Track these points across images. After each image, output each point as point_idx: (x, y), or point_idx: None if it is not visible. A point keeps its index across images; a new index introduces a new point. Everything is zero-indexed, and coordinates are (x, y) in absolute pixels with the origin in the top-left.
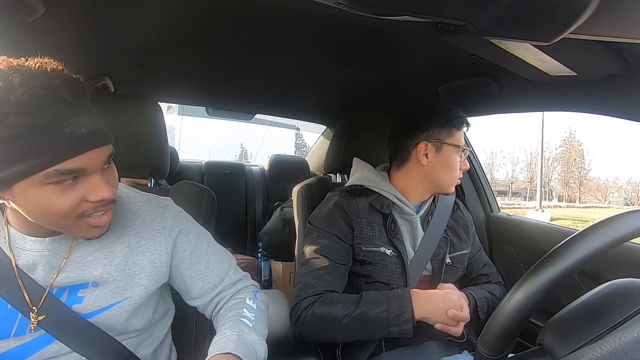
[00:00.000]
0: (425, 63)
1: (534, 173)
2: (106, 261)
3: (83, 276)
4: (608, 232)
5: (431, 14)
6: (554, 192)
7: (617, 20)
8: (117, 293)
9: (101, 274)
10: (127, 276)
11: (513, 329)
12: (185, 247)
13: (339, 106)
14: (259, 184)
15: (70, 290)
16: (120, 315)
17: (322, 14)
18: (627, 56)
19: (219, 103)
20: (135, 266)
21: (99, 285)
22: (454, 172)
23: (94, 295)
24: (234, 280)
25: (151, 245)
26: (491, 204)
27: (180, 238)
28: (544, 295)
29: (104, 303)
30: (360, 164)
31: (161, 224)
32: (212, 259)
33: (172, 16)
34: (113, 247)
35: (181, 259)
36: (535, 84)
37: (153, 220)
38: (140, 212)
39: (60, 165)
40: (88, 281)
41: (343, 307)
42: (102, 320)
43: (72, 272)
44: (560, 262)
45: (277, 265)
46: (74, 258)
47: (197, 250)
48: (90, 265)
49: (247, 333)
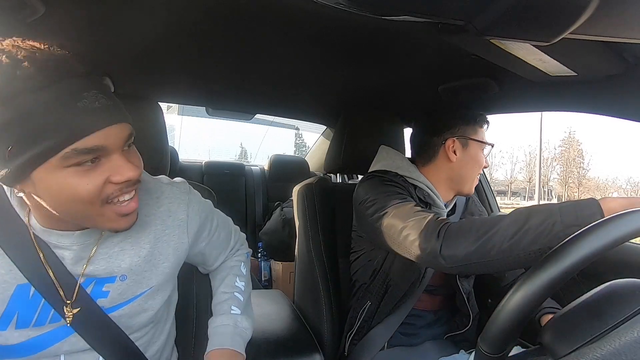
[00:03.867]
0: (426, 63)
1: (533, 173)
2: (133, 252)
3: (112, 269)
4: (610, 232)
5: (431, 14)
6: (553, 192)
7: (617, 20)
8: (143, 283)
9: (129, 266)
10: (152, 266)
11: (514, 327)
12: (206, 228)
13: (339, 106)
14: (259, 184)
15: (96, 283)
16: (145, 303)
17: (322, 14)
18: (627, 56)
19: (219, 103)
20: (161, 255)
21: (126, 278)
22: (480, 168)
23: (121, 289)
24: (236, 241)
25: (176, 234)
26: (491, 204)
27: (203, 223)
28: (546, 294)
29: (130, 295)
30: (391, 151)
31: (185, 212)
32: (221, 229)
33: (172, 16)
34: (139, 237)
35: (202, 239)
36: (535, 84)
37: (177, 208)
38: (164, 199)
39: (78, 144)
40: (116, 274)
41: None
42: (126, 313)
43: (100, 265)
44: (563, 261)
45: (277, 265)
46: (102, 250)
47: (213, 224)
48: (118, 256)
49: (240, 321)
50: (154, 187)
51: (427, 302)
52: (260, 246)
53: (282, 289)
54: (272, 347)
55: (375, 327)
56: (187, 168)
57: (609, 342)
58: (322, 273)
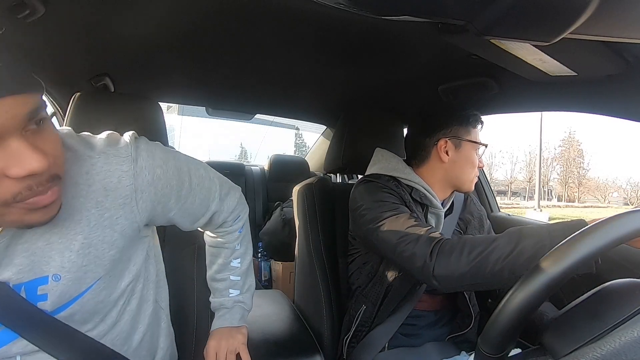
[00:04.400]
0: (426, 63)
1: (532, 173)
2: (63, 246)
3: (40, 268)
4: (610, 231)
5: (431, 14)
6: (553, 192)
7: (617, 20)
8: (86, 279)
9: (61, 264)
10: (95, 258)
11: (514, 328)
12: (171, 196)
13: (339, 106)
14: (259, 184)
15: (26, 288)
16: (98, 294)
17: (322, 14)
18: (627, 56)
19: (219, 103)
20: (104, 244)
21: (60, 278)
22: (474, 168)
23: (59, 290)
24: (227, 203)
25: (120, 215)
26: (491, 204)
27: (165, 193)
28: (546, 294)
29: (74, 293)
30: (387, 154)
31: (131, 186)
32: (198, 190)
33: (172, 16)
34: (68, 226)
35: (168, 209)
36: (535, 84)
37: (118, 183)
38: (96, 175)
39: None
40: (47, 274)
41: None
42: (77, 309)
43: (25, 265)
44: (563, 261)
45: (277, 265)
46: (21, 246)
47: (183, 188)
48: (44, 252)
49: (238, 299)
50: (82, 158)
51: (427, 303)
52: (260, 246)
53: (282, 289)
54: (272, 347)
55: (376, 328)
56: None
57: (609, 342)
58: (322, 273)
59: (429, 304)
